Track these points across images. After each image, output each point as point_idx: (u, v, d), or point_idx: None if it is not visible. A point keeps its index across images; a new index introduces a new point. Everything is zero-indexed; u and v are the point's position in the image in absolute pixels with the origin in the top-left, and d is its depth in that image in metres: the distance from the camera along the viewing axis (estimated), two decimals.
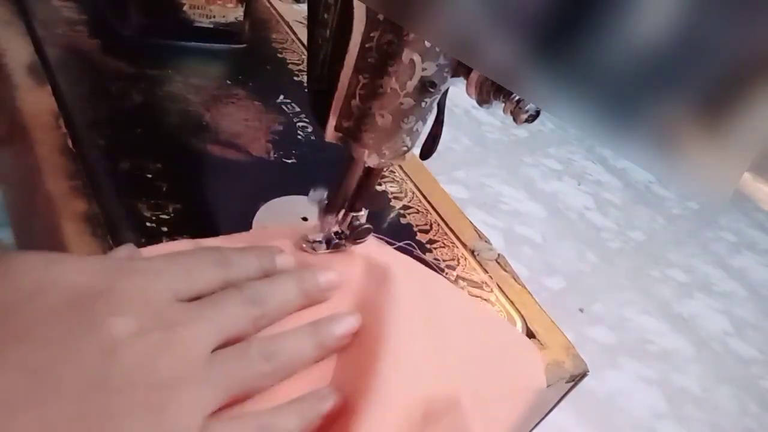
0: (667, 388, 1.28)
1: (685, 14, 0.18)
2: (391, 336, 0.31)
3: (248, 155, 0.45)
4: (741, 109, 0.19)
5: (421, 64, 0.28)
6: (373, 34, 0.28)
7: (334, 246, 0.35)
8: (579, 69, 0.20)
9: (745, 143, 0.20)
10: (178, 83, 0.49)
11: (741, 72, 0.18)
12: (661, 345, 1.39)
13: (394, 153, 0.32)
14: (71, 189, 0.37)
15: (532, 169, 1.86)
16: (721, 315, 1.58)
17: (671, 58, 0.19)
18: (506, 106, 0.28)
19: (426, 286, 0.37)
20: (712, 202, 1.93)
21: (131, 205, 0.37)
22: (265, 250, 0.32)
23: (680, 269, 1.70)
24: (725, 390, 1.34)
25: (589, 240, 1.65)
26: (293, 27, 0.65)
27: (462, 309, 0.39)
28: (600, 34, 0.19)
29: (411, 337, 0.32)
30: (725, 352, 1.46)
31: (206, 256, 0.29)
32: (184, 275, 0.28)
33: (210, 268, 0.29)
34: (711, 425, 1.24)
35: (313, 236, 0.35)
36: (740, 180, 0.21)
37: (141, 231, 0.35)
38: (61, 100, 0.43)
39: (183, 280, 0.27)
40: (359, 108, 0.31)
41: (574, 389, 0.44)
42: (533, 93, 0.22)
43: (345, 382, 0.30)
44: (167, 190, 0.39)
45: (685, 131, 0.20)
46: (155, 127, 0.44)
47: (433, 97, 0.30)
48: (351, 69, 0.30)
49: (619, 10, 0.19)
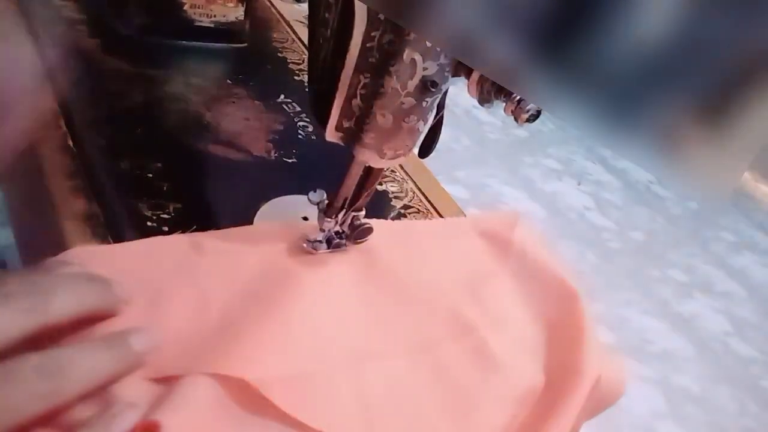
0: (667, 388, 1.28)
1: (685, 14, 0.18)
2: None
3: (249, 155, 0.45)
4: (741, 110, 0.19)
5: (422, 64, 0.28)
6: (374, 34, 0.28)
7: (334, 246, 0.35)
8: (580, 69, 0.20)
9: (745, 143, 0.20)
10: (179, 83, 0.49)
11: (741, 72, 0.18)
12: (661, 345, 1.40)
13: (394, 152, 0.32)
14: (71, 189, 0.37)
15: (532, 169, 1.86)
16: (721, 315, 1.58)
17: (672, 58, 0.19)
18: (507, 105, 0.28)
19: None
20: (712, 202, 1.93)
21: (131, 204, 0.37)
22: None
23: (680, 269, 1.70)
24: (725, 390, 1.34)
25: (589, 240, 1.65)
26: (294, 26, 0.65)
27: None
28: (600, 34, 0.19)
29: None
30: (725, 352, 1.46)
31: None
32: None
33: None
34: (711, 425, 1.24)
35: (313, 236, 0.35)
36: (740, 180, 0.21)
37: (141, 230, 0.35)
38: (61, 100, 0.43)
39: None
40: (360, 107, 0.31)
41: None
42: (534, 93, 0.22)
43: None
44: (168, 190, 0.39)
45: (685, 131, 0.20)
46: (155, 127, 0.44)
47: (434, 97, 0.30)
48: (352, 68, 0.30)
49: (619, 9, 0.19)
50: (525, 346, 0.37)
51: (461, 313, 0.36)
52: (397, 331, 0.34)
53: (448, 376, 0.33)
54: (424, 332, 0.35)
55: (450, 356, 0.34)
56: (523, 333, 0.37)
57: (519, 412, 0.34)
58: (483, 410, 0.33)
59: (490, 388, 0.34)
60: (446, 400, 0.32)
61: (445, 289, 0.37)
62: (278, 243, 0.35)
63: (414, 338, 0.34)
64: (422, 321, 0.35)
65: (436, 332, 0.35)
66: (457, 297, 0.37)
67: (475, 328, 0.36)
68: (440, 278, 0.38)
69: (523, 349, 0.36)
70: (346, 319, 0.34)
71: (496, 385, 0.34)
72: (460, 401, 0.33)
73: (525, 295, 0.39)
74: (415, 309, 0.36)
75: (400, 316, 0.35)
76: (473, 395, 0.33)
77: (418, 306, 0.36)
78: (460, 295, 0.37)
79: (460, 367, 0.34)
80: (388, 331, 0.34)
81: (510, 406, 0.34)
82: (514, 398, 0.34)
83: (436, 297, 0.37)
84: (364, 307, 0.35)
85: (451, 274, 0.39)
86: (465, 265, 0.40)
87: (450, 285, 0.38)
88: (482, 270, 0.40)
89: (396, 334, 0.34)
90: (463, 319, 0.36)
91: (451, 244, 0.41)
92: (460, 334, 0.35)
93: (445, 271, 0.39)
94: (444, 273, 0.38)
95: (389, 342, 0.34)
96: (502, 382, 0.34)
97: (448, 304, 0.37)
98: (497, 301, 0.38)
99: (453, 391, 0.33)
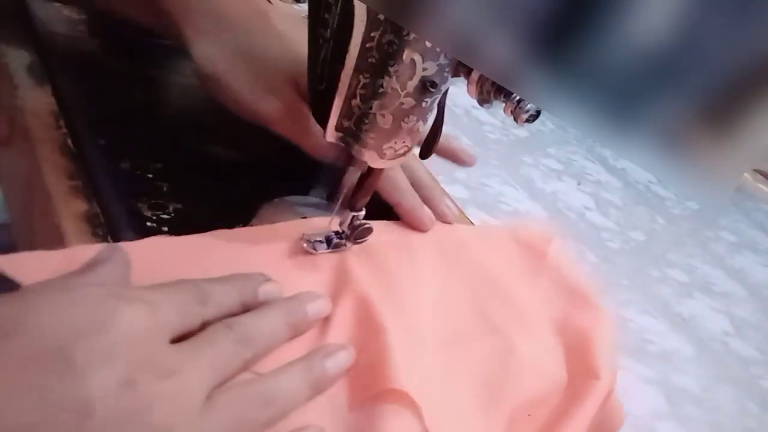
0: (667, 388, 1.28)
1: (686, 15, 0.18)
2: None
3: (249, 155, 0.45)
4: (742, 110, 0.19)
5: (422, 64, 0.28)
6: (373, 34, 0.28)
7: (334, 246, 0.36)
8: (580, 69, 0.20)
9: (746, 144, 0.20)
10: (179, 83, 0.49)
11: (743, 73, 0.18)
12: (661, 345, 1.40)
13: (394, 153, 0.32)
14: (71, 189, 0.37)
15: (532, 169, 1.86)
16: (721, 315, 1.58)
17: (672, 57, 0.19)
18: (507, 106, 0.28)
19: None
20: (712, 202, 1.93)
21: (131, 205, 0.37)
22: (248, 281, 0.31)
23: (680, 269, 1.70)
24: (725, 390, 1.34)
25: (589, 240, 1.65)
26: None
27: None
28: (601, 34, 0.19)
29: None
30: (725, 352, 1.46)
31: (188, 290, 0.27)
32: (175, 313, 0.25)
33: (194, 305, 0.27)
34: (711, 425, 1.24)
35: (313, 236, 0.35)
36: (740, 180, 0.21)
37: (141, 230, 0.35)
38: (61, 100, 0.43)
39: (173, 318, 0.25)
40: (360, 108, 0.31)
41: None
42: (534, 93, 0.22)
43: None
44: (167, 190, 0.39)
45: (686, 132, 0.20)
46: (155, 127, 0.44)
47: (433, 97, 0.30)
48: (351, 69, 0.30)
49: (620, 9, 0.19)
50: (549, 350, 0.38)
51: (492, 313, 0.38)
52: (435, 323, 0.36)
53: (476, 369, 0.35)
54: (456, 327, 0.36)
55: (479, 352, 0.35)
56: (549, 338, 0.39)
57: (540, 411, 0.35)
58: (507, 404, 0.34)
59: (516, 385, 0.35)
60: (476, 391, 0.34)
61: (478, 289, 0.39)
62: (278, 243, 0.35)
63: (445, 331, 0.36)
64: (455, 316, 0.37)
65: (467, 328, 0.37)
66: (489, 297, 0.39)
67: (504, 329, 0.37)
68: (474, 278, 0.40)
69: (547, 352, 0.38)
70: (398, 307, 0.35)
71: (521, 382, 0.35)
72: (487, 392, 0.34)
73: (553, 304, 0.41)
74: (450, 304, 0.37)
75: (438, 308, 0.36)
76: (500, 388, 0.34)
77: (453, 302, 0.38)
78: (492, 296, 0.39)
79: (488, 362, 0.35)
80: (425, 321, 0.35)
81: (531, 405, 0.35)
82: (535, 397, 0.35)
83: (469, 295, 0.39)
84: (407, 298, 0.36)
85: (485, 275, 0.40)
86: (499, 267, 0.41)
87: (482, 285, 0.39)
88: (515, 275, 0.41)
89: (433, 326, 0.35)
90: (493, 318, 0.37)
91: (489, 247, 0.43)
92: (490, 332, 0.37)
93: (480, 272, 0.40)
94: (478, 274, 0.40)
95: (426, 332, 0.35)
96: (527, 380, 0.35)
97: (479, 304, 0.38)
98: (527, 306, 0.39)
99: (481, 381, 0.34)
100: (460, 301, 0.38)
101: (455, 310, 0.37)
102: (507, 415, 0.34)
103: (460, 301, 0.38)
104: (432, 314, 0.36)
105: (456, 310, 0.37)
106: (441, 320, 0.36)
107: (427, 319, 0.35)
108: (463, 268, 0.40)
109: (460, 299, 0.38)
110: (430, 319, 0.36)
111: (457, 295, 0.38)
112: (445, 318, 0.36)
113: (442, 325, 0.36)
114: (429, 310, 0.36)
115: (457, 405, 0.33)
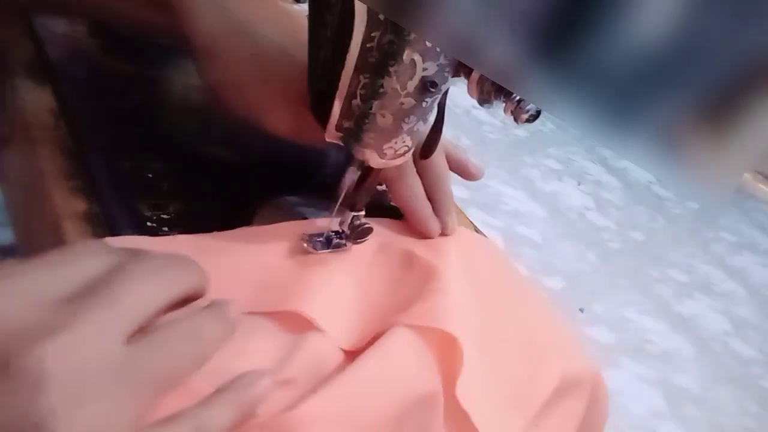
0: (667, 388, 1.28)
1: (686, 14, 0.18)
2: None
3: (249, 155, 0.45)
4: (742, 110, 0.19)
5: (422, 64, 0.28)
6: (374, 34, 0.28)
7: (334, 246, 0.35)
8: (580, 69, 0.20)
9: (745, 144, 0.20)
10: (178, 83, 0.49)
11: (742, 72, 0.18)
12: (661, 345, 1.40)
13: (394, 152, 0.32)
14: (71, 189, 0.37)
15: (532, 169, 1.86)
16: (721, 315, 1.58)
17: (672, 57, 0.19)
18: (507, 106, 0.28)
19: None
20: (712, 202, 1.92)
21: (131, 205, 0.37)
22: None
23: (680, 269, 1.70)
24: (725, 390, 1.34)
25: (589, 240, 1.65)
26: None
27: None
28: (601, 34, 0.19)
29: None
30: (725, 352, 1.46)
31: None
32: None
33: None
34: (711, 425, 1.24)
35: (313, 236, 0.35)
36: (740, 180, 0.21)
37: (141, 231, 0.35)
38: (61, 100, 0.43)
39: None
40: (360, 108, 0.31)
41: None
42: (534, 93, 0.22)
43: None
44: (167, 190, 0.39)
45: (685, 131, 0.20)
46: (155, 127, 0.44)
47: (433, 97, 0.30)
48: (352, 69, 0.30)
49: (620, 9, 0.19)
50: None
51: (522, 319, 0.40)
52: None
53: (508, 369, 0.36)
54: (488, 323, 0.37)
55: (512, 355, 0.37)
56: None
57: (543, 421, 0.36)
58: (529, 413, 0.34)
59: (540, 397, 0.35)
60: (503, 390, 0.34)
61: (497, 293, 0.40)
62: (278, 243, 0.35)
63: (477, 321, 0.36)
64: (486, 312, 0.38)
65: (501, 328, 0.38)
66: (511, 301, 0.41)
67: (538, 340, 0.38)
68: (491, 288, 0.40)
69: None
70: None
71: (543, 394, 0.36)
72: (513, 394, 0.35)
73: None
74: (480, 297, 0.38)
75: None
76: (526, 396, 0.35)
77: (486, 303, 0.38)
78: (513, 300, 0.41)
79: (519, 368, 0.36)
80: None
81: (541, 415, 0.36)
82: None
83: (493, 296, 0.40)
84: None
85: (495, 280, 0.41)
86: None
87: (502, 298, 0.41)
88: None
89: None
90: (526, 325, 0.39)
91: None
92: (527, 341, 0.38)
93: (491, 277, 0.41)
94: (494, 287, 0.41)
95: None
96: (548, 392, 0.36)
97: (506, 307, 0.40)
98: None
99: (510, 382, 0.35)
100: (489, 299, 0.38)
101: (484, 304, 0.38)
102: (526, 422, 0.34)
103: (489, 298, 0.38)
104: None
105: (485, 304, 0.38)
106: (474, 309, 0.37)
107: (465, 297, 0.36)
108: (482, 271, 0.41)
109: (489, 296, 0.39)
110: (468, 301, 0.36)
111: (486, 291, 0.39)
112: (476, 309, 0.37)
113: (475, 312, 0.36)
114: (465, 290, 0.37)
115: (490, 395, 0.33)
